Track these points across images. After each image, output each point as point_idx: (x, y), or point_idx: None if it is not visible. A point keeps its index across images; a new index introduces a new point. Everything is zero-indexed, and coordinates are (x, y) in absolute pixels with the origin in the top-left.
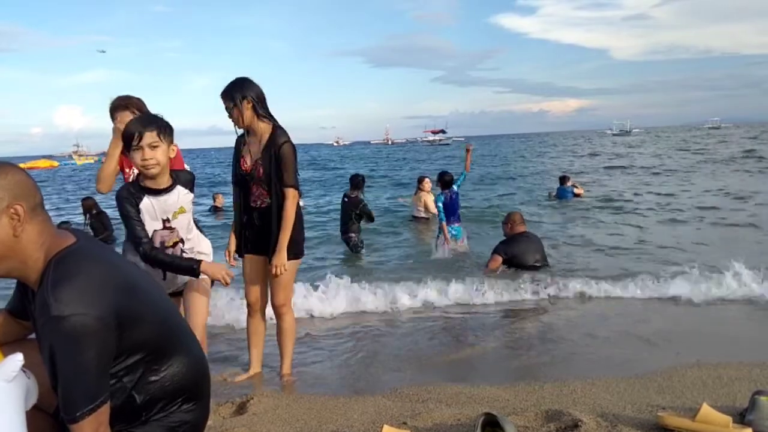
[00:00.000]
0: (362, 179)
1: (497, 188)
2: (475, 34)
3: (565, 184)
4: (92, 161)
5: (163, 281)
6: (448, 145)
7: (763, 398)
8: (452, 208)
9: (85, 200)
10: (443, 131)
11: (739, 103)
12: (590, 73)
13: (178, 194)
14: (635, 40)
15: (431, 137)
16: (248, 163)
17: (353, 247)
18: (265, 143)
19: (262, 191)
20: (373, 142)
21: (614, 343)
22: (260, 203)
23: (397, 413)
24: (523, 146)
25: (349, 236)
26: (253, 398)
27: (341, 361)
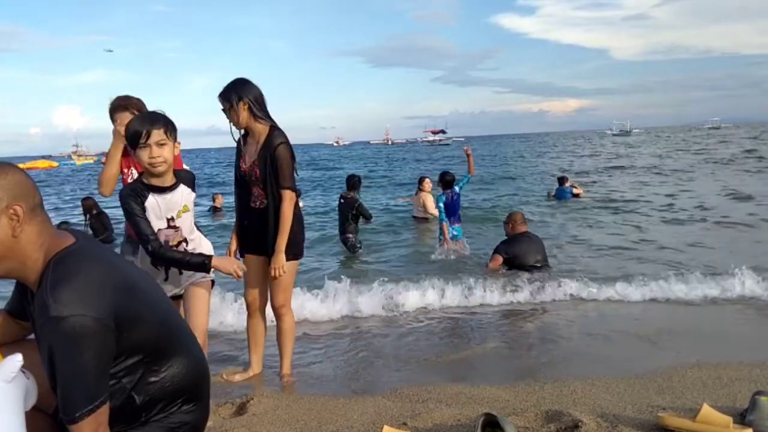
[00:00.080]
0: (358, 180)
1: (497, 188)
2: (475, 34)
3: (563, 184)
4: (91, 161)
5: (164, 282)
6: (448, 145)
7: (763, 398)
8: (453, 208)
9: (85, 200)
10: (443, 131)
11: (739, 103)
12: (590, 73)
13: (181, 193)
14: (635, 40)
15: (431, 137)
16: (246, 163)
17: (351, 247)
18: (261, 144)
19: (260, 192)
20: (372, 142)
21: (614, 343)
22: (259, 204)
23: (397, 413)
24: (522, 146)
25: (346, 237)
26: (252, 399)
27: (341, 361)
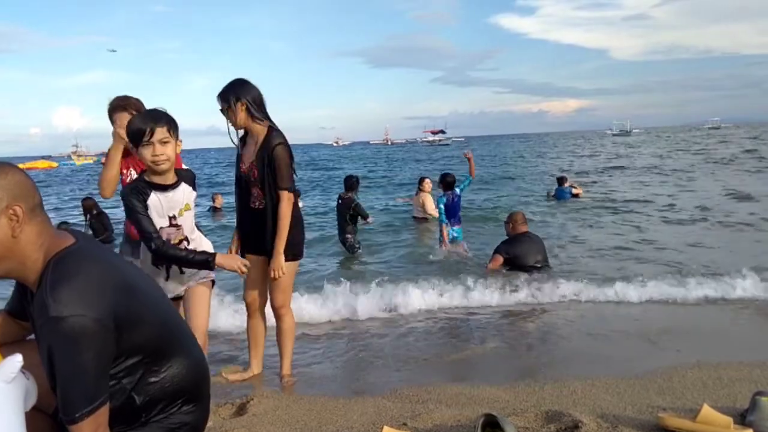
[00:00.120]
0: (356, 180)
1: (497, 188)
2: (474, 34)
3: (563, 185)
4: (91, 161)
5: (165, 281)
6: (447, 145)
7: (763, 399)
8: (453, 210)
9: (85, 200)
10: (443, 131)
11: (739, 103)
12: (590, 73)
13: (183, 191)
14: (635, 40)
15: (431, 137)
16: (245, 164)
17: (350, 248)
18: (260, 145)
19: (259, 193)
20: (372, 142)
21: (614, 343)
22: (258, 204)
23: (397, 414)
24: (522, 146)
25: (345, 237)
26: (253, 399)
27: (341, 362)
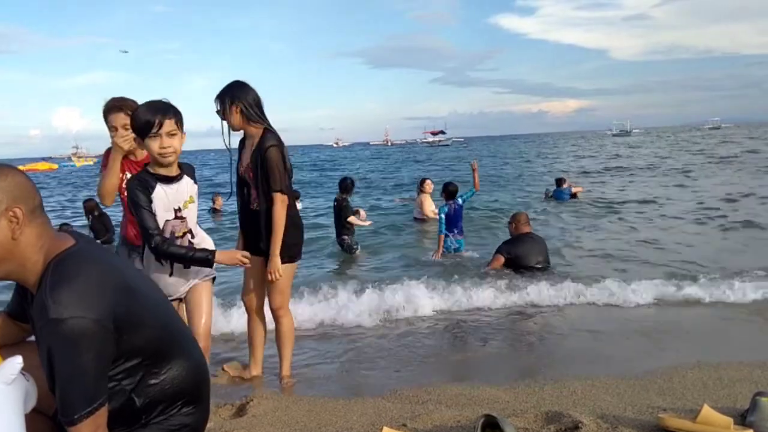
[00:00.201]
0: (351, 182)
1: (496, 189)
2: (474, 34)
3: (561, 185)
4: (91, 163)
5: (170, 278)
6: (447, 146)
7: (764, 399)
8: (455, 220)
9: (86, 202)
10: (443, 132)
11: (739, 103)
12: (590, 73)
13: (186, 183)
14: (635, 40)
15: (431, 138)
16: (243, 166)
17: (348, 248)
18: (255, 147)
19: (256, 194)
20: (372, 143)
21: (614, 343)
22: (255, 206)
23: (396, 415)
24: (522, 147)
25: (342, 239)
26: (252, 400)
27: (340, 363)
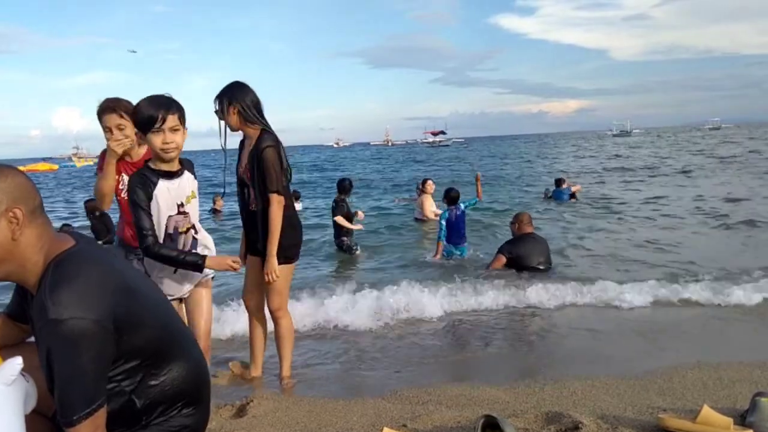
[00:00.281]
0: (349, 183)
1: (495, 189)
2: (474, 34)
3: (561, 186)
4: (91, 163)
5: (173, 276)
6: (447, 146)
7: (763, 400)
8: (457, 226)
9: (87, 202)
10: (443, 132)
11: (739, 103)
12: (590, 73)
13: (187, 179)
14: (635, 40)
15: (431, 138)
16: (242, 166)
17: (347, 249)
18: (252, 148)
19: (254, 195)
20: (373, 143)
21: (614, 343)
22: (254, 206)
23: (396, 415)
24: (522, 147)
25: (341, 240)
26: (252, 401)
27: (340, 363)
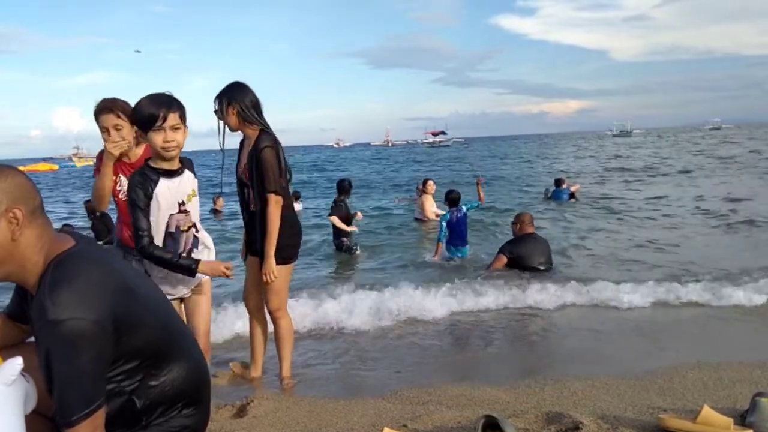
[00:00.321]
0: (348, 183)
1: (495, 189)
2: (474, 35)
3: (560, 186)
4: (91, 163)
5: (174, 275)
6: (448, 146)
7: (764, 400)
8: (458, 228)
9: (87, 202)
10: (443, 132)
11: (740, 104)
12: (590, 74)
13: (188, 177)
14: (635, 40)
15: (431, 139)
16: (241, 167)
17: (347, 250)
18: (251, 148)
19: (253, 195)
20: (373, 143)
21: (614, 344)
22: (254, 206)
23: (397, 415)
24: (523, 147)
25: (341, 241)
26: (253, 401)
27: (341, 363)
